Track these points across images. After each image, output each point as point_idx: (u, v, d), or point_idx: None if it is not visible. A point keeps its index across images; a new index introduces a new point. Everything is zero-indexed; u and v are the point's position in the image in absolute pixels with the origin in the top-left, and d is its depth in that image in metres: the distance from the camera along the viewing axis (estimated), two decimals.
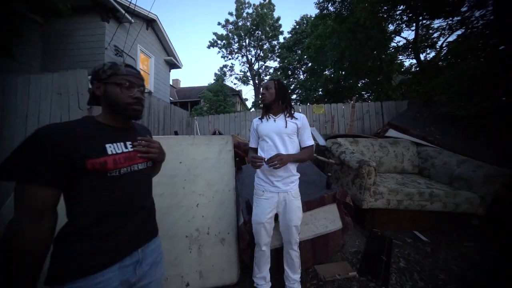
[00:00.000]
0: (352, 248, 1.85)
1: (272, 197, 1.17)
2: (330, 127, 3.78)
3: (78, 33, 6.20)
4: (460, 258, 1.65)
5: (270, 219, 1.19)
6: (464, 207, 1.75)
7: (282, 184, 1.16)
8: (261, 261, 1.26)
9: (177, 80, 19.64)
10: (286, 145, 1.16)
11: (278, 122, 1.19)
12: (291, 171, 1.17)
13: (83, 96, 2.03)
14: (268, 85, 1.22)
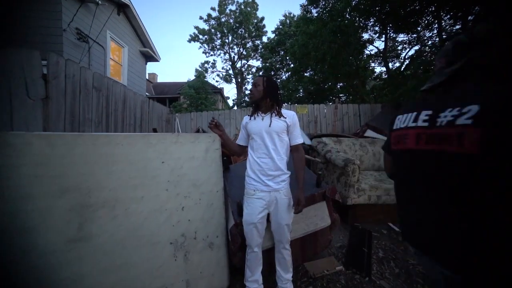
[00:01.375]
0: (338, 243, 1.93)
1: (264, 196, 1.15)
2: (313, 127, 3.92)
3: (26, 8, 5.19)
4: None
5: (261, 219, 1.17)
6: None
7: (274, 183, 1.14)
8: (253, 263, 1.22)
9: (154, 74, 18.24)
10: (275, 144, 1.15)
11: (266, 120, 1.17)
12: (282, 170, 1.16)
13: (34, 83, 1.69)
14: (256, 82, 1.19)
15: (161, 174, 1.62)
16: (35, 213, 1.27)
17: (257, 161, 1.17)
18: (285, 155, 1.20)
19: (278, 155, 1.16)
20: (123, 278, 1.21)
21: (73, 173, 1.43)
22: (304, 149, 2.80)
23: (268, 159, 1.15)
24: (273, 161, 1.15)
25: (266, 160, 1.15)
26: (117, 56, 7.35)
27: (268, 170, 1.14)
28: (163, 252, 1.34)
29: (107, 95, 2.22)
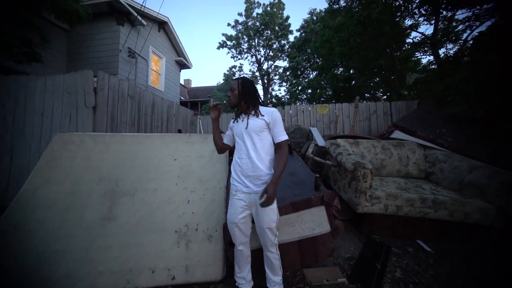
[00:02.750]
0: (346, 253, 1.77)
1: (244, 197, 1.14)
2: (334, 128, 3.65)
3: (96, 37, 6.63)
4: (468, 275, 1.50)
5: (243, 219, 1.16)
6: (475, 217, 1.59)
7: (254, 185, 1.12)
8: (240, 260, 1.24)
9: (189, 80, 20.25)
10: (255, 144, 1.12)
11: (245, 121, 1.16)
12: (261, 170, 1.12)
13: (89, 95, 2.17)
14: (232, 86, 1.19)
15: (172, 170, 1.84)
16: (82, 194, 1.65)
17: (238, 161, 1.17)
18: (266, 155, 1.15)
19: (257, 155, 1.12)
20: (136, 255, 1.44)
21: (107, 165, 1.78)
22: (322, 152, 2.65)
23: (247, 159, 1.13)
24: (252, 161, 1.12)
25: (245, 160, 1.14)
26: (157, 66, 8.48)
27: (247, 170, 1.13)
28: (168, 238, 1.52)
29: (139, 101, 2.65)
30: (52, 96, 2.33)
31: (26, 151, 2.25)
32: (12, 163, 2.26)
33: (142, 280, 1.37)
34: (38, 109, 2.36)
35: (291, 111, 4.14)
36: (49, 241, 1.46)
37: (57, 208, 1.59)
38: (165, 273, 1.41)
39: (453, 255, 1.68)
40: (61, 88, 2.28)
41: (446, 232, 1.78)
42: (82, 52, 6.68)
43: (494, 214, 1.55)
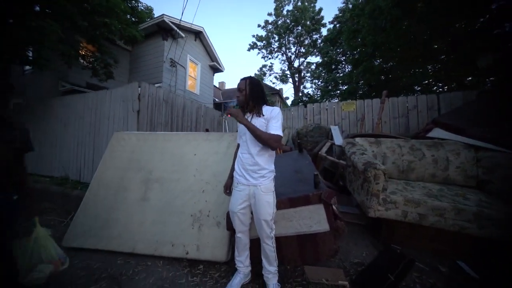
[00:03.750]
0: (356, 259, 1.67)
1: (244, 189, 1.23)
2: (360, 126, 3.33)
3: (147, 53, 7.95)
4: None
5: (243, 209, 1.26)
6: None
7: (252, 178, 1.20)
8: (239, 246, 1.36)
9: (223, 83, 21.62)
10: (254, 141, 1.19)
11: (251, 120, 1.22)
12: (260, 165, 1.19)
13: (134, 102, 2.73)
14: (240, 86, 1.23)
15: (192, 164, 2.14)
16: (127, 179, 2.12)
17: (240, 156, 1.27)
18: (266, 151, 1.21)
19: (256, 151, 1.19)
20: (161, 230, 1.77)
21: (145, 158, 2.23)
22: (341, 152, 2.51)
23: (248, 154, 1.22)
24: (252, 156, 1.20)
25: (246, 155, 1.23)
26: (193, 72, 9.47)
27: (247, 164, 1.21)
28: (185, 220, 1.81)
29: (171, 105, 3.14)
30: (114, 104, 3.04)
31: (102, 145, 3.02)
32: (94, 154, 3.09)
33: (165, 251, 1.69)
34: (107, 114, 3.11)
35: (314, 108, 4.00)
36: (109, 210, 1.97)
37: (112, 189, 2.11)
38: (181, 248, 1.69)
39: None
40: (119, 97, 2.95)
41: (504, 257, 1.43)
42: (138, 66, 8.19)
43: None
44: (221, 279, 1.48)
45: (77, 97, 3.48)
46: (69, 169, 3.43)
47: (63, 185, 3.19)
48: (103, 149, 3.01)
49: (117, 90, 3.03)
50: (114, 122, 3.04)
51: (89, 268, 1.59)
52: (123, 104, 2.92)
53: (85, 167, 3.26)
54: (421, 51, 4.17)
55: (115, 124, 3.01)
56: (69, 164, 3.42)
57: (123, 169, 2.21)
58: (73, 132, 3.40)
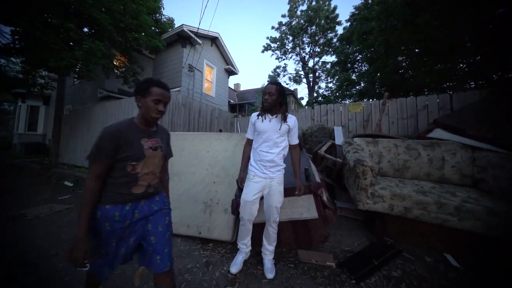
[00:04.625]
0: (347, 247, 1.83)
1: (260, 181, 1.39)
2: (366, 127, 3.38)
3: (168, 60, 8.72)
4: None
5: (256, 199, 1.41)
6: None
7: (270, 171, 1.37)
8: (243, 233, 1.52)
9: (238, 84, 22.24)
10: (276, 142, 1.37)
11: (273, 122, 1.37)
12: (277, 162, 1.38)
13: None
14: (270, 90, 1.34)
15: (205, 159, 2.49)
16: None
17: (259, 153, 1.39)
18: (282, 151, 1.40)
19: (277, 151, 1.37)
20: (179, 214, 2.14)
21: None
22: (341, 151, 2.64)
23: (268, 153, 1.36)
24: (272, 155, 1.36)
25: (266, 153, 1.37)
26: (209, 75, 10.06)
27: (266, 161, 1.36)
28: (199, 207, 2.15)
29: (189, 108, 3.57)
30: (131, 110, 3.56)
31: None
32: None
33: (182, 230, 2.06)
34: None
35: (321, 110, 4.12)
36: None
37: None
38: (195, 229, 2.03)
39: (490, 277, 1.42)
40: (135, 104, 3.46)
41: (491, 251, 1.49)
42: (160, 72, 9.04)
43: None
44: (226, 254, 1.78)
45: (113, 103, 4.13)
46: None
47: None
48: None
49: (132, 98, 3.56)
50: None
51: None
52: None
53: None
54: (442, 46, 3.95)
55: None
56: None
57: None
58: None
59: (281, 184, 1.42)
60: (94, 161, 0.81)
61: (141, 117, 0.91)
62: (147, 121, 0.91)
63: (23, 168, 5.55)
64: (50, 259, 1.68)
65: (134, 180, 0.88)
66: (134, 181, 0.88)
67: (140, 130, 0.90)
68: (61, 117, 5.57)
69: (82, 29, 3.77)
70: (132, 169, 0.86)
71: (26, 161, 6.40)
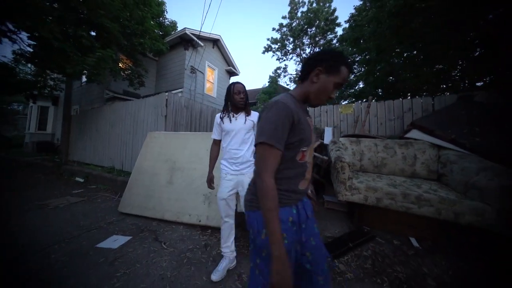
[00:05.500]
0: (328, 233, 2.08)
1: (232, 179, 1.42)
2: (358, 127, 3.61)
3: (171, 62, 9.02)
4: (443, 275, 1.47)
5: (231, 196, 1.45)
6: (469, 218, 1.53)
7: (241, 168, 1.41)
8: (226, 232, 1.49)
9: None
10: (245, 140, 1.44)
11: (239, 120, 1.43)
12: (247, 158, 1.43)
13: (163, 108, 3.49)
14: (241, 90, 1.43)
15: (204, 157, 2.76)
16: (158, 167, 2.83)
17: (229, 151, 1.43)
18: (251, 147, 1.44)
19: (245, 147, 1.42)
20: (181, 205, 2.42)
21: (170, 152, 2.92)
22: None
23: (238, 150, 1.41)
24: (242, 152, 1.41)
25: (236, 151, 1.41)
26: (211, 76, 10.35)
27: (237, 159, 1.40)
28: (199, 198, 2.42)
29: (191, 110, 3.84)
30: (148, 110, 3.86)
31: (138, 143, 3.87)
32: (133, 149, 3.97)
33: (184, 219, 2.33)
34: (142, 118, 3.95)
35: (315, 111, 4.35)
36: (146, 190, 2.69)
37: (147, 174, 2.84)
38: (196, 218, 2.30)
39: (440, 253, 1.66)
40: (151, 105, 3.76)
41: (445, 233, 1.74)
42: (163, 74, 9.35)
43: (493, 217, 1.46)
44: None
45: (121, 104, 4.44)
46: (115, 160, 4.40)
47: (111, 173, 4.14)
48: (139, 145, 3.86)
49: (150, 99, 3.85)
50: (148, 124, 3.87)
51: (136, 225, 2.31)
52: (154, 110, 3.72)
53: (126, 159, 4.17)
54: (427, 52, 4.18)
55: (148, 125, 3.83)
56: (115, 157, 4.40)
57: (155, 160, 2.94)
58: (118, 132, 4.35)
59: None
60: (272, 149, 0.61)
61: (302, 94, 0.71)
62: (308, 98, 0.71)
63: (36, 165, 5.93)
64: (77, 238, 1.99)
65: (302, 172, 0.70)
66: (302, 174, 0.70)
67: (302, 108, 0.71)
68: (70, 117, 5.91)
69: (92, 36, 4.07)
70: (302, 157, 0.68)
71: (38, 158, 6.78)
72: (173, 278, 1.44)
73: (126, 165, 4.15)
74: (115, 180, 3.77)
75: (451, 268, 1.49)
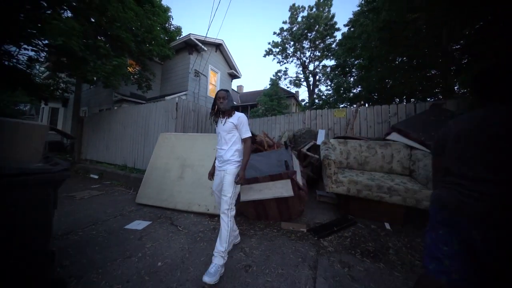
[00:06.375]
0: (318, 221, 2.45)
1: (218, 174, 1.64)
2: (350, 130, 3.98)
3: (176, 66, 9.44)
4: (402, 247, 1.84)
5: (219, 189, 1.64)
6: (425, 203, 1.90)
7: (223, 165, 1.60)
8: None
9: (241, 86, 22.88)
10: (225, 139, 1.59)
11: (223, 122, 1.59)
12: (227, 157, 1.57)
13: (173, 111, 3.89)
14: (223, 95, 1.58)
15: (211, 155, 3.14)
16: (169, 164, 3.22)
17: (217, 150, 1.66)
18: (234, 146, 1.57)
19: (227, 147, 1.57)
20: (191, 197, 2.79)
21: (181, 150, 3.31)
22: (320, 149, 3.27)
23: (222, 150, 1.60)
24: (224, 150, 1.58)
25: (220, 150, 1.62)
26: (214, 79, 10.75)
27: (220, 157, 1.61)
28: (207, 191, 2.79)
29: (198, 113, 4.23)
30: (159, 113, 4.25)
31: (151, 143, 4.26)
32: (144, 148, 4.36)
33: (194, 208, 2.70)
34: (153, 120, 4.35)
35: (311, 115, 4.73)
36: (160, 184, 3.07)
37: (161, 170, 3.22)
38: (204, 207, 2.68)
39: (405, 233, 2.03)
40: (162, 108, 4.15)
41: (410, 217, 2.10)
42: (168, 77, 9.77)
43: None
44: None
45: (133, 108, 4.84)
46: (127, 159, 4.79)
47: (124, 170, 4.52)
48: (151, 145, 4.25)
49: (161, 103, 4.24)
50: (158, 126, 4.26)
51: (153, 212, 2.69)
52: (165, 113, 4.11)
53: (138, 158, 4.56)
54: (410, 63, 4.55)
55: (159, 127, 4.22)
56: (127, 155, 4.79)
57: (167, 158, 3.32)
58: (130, 132, 4.75)
59: (231, 174, 1.52)
60: None
61: None
62: None
63: None
64: (106, 221, 2.38)
65: None
66: None
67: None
68: (82, 118, 6.32)
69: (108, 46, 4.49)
70: None
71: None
72: (190, 249, 1.82)
73: (138, 163, 4.54)
74: (128, 177, 4.15)
75: (409, 242, 1.87)
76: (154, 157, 3.40)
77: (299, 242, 1.98)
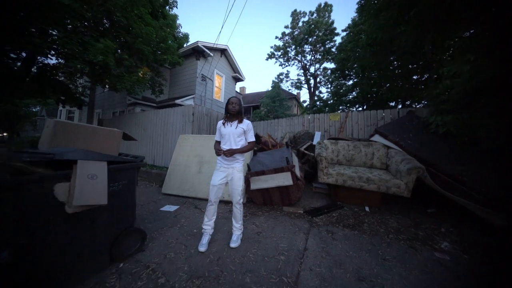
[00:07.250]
0: (313, 205, 3.05)
1: (224, 170, 1.80)
2: (340, 132, 4.56)
3: (183, 71, 10.07)
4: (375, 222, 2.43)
5: (221, 184, 1.81)
6: (393, 190, 2.48)
7: (231, 163, 1.81)
8: (209, 213, 1.85)
9: (244, 88, 23.48)
10: (236, 142, 1.80)
11: (233, 126, 1.79)
12: (235, 157, 1.81)
13: (190, 116, 4.51)
14: (235, 101, 1.81)
15: None
16: (189, 161, 3.84)
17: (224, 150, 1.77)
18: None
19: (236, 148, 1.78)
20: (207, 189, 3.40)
21: (198, 149, 3.92)
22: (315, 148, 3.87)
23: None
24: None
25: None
26: (219, 83, 11.37)
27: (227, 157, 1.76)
28: None
29: (210, 117, 4.85)
30: (176, 117, 4.87)
31: (169, 143, 4.89)
32: (163, 148, 4.99)
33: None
34: (172, 123, 4.98)
35: (309, 118, 5.32)
36: (182, 177, 3.69)
37: (182, 166, 3.84)
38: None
39: (380, 213, 2.62)
40: (180, 113, 4.77)
41: (387, 201, 2.69)
42: (176, 81, 10.41)
43: (404, 188, 2.41)
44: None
45: (152, 112, 5.47)
46: (147, 157, 5.42)
47: (145, 167, 5.16)
48: (169, 145, 4.87)
49: (178, 108, 4.87)
50: (176, 128, 4.88)
51: (179, 200, 3.31)
52: (182, 118, 4.73)
53: (157, 156, 5.19)
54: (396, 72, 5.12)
55: (177, 129, 4.84)
56: (147, 154, 5.42)
57: (187, 156, 3.94)
58: (149, 134, 5.38)
59: (240, 171, 1.81)
60: None
61: None
62: None
63: None
64: (143, 206, 2.99)
65: None
66: None
67: None
68: (102, 120, 6.98)
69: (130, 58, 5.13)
70: None
71: None
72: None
73: (157, 161, 5.17)
74: (150, 173, 4.78)
75: (380, 219, 2.45)
76: (175, 155, 4.02)
77: (297, 219, 2.57)
